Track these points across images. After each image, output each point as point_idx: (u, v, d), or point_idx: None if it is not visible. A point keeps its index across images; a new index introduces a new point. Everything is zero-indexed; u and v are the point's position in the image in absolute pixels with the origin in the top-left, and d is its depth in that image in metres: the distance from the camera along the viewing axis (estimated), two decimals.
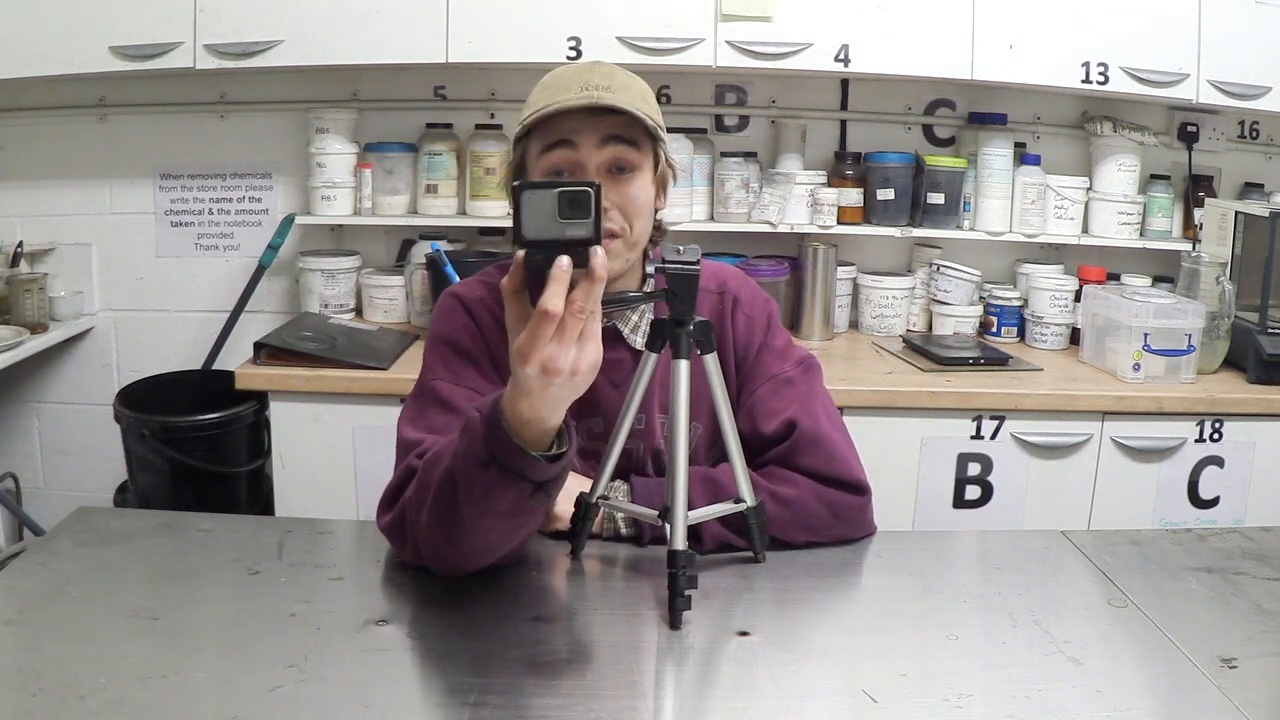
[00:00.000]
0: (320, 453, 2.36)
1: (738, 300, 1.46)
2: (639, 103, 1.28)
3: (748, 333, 1.45)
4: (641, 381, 1.22)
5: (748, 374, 1.45)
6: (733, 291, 1.47)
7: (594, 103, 1.24)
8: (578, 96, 1.24)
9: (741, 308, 1.46)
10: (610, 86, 1.26)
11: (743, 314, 1.46)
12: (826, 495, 1.36)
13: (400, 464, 1.27)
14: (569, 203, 1.00)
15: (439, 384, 1.33)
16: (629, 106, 1.25)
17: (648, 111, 1.29)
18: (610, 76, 1.28)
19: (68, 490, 2.96)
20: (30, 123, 2.84)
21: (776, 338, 1.47)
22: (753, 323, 1.46)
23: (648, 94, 1.33)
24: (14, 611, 1.15)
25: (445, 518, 1.14)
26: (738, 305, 1.46)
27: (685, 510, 1.18)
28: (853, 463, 1.40)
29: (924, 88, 2.88)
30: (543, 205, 1.00)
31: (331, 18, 2.46)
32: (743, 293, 1.48)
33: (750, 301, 1.48)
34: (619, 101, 1.25)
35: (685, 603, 1.15)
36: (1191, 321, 2.43)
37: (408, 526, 1.20)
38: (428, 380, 1.36)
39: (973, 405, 2.35)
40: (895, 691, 1.06)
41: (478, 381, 1.34)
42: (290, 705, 0.99)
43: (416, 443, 1.26)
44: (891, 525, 1.53)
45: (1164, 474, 2.40)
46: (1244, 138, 2.97)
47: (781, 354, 1.46)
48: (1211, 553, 1.41)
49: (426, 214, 2.77)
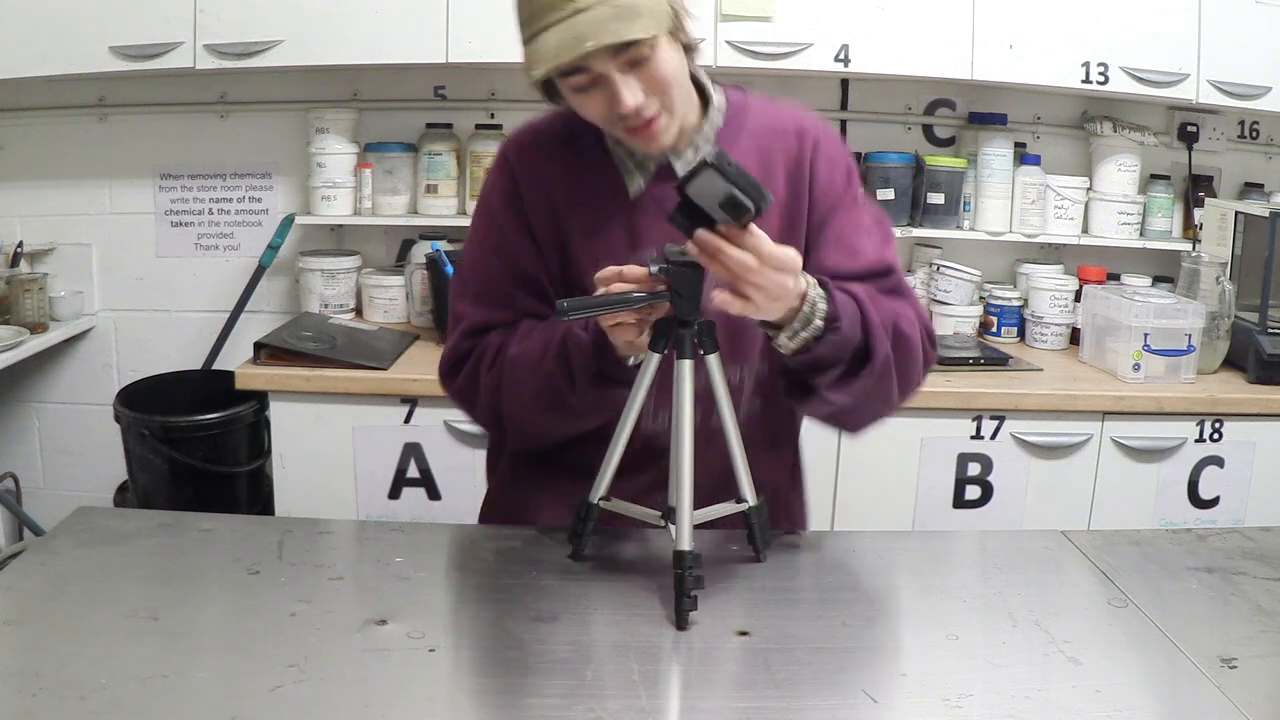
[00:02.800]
0: (320, 453, 2.36)
1: (819, 144, 1.36)
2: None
3: (829, 179, 1.36)
4: (644, 383, 1.22)
5: (825, 216, 1.36)
6: (813, 134, 1.37)
7: (584, 47, 1.15)
8: (569, 33, 1.16)
9: (823, 150, 1.36)
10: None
11: (824, 158, 1.36)
12: (925, 340, 1.32)
13: (454, 331, 1.38)
14: (732, 203, 1.08)
15: (474, 262, 1.40)
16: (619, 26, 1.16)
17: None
18: None
19: (68, 490, 2.96)
20: (30, 123, 2.84)
21: (857, 189, 1.39)
22: (834, 168, 1.37)
23: None
24: (14, 611, 1.15)
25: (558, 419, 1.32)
26: (819, 149, 1.36)
27: (690, 510, 1.18)
28: None
29: (924, 88, 2.88)
30: (713, 185, 1.07)
31: (331, 18, 2.46)
32: (824, 137, 1.38)
33: (831, 145, 1.38)
34: (609, 36, 1.15)
35: (691, 603, 1.15)
36: (1191, 321, 2.43)
37: (485, 405, 1.35)
38: (467, 255, 1.42)
39: (973, 405, 2.35)
40: (895, 691, 1.06)
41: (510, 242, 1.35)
42: (290, 705, 0.99)
43: (461, 316, 1.38)
44: (891, 525, 1.54)
45: (1164, 474, 2.40)
46: (1244, 138, 2.98)
47: (863, 205, 1.39)
48: (1211, 553, 1.41)
49: (426, 214, 2.77)
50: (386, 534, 1.47)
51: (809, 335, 1.21)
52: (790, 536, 1.42)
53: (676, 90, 1.24)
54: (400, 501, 2.38)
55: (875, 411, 1.34)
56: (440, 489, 2.37)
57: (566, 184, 1.32)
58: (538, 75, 1.19)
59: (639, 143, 1.27)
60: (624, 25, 1.15)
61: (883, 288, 1.32)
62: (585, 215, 1.33)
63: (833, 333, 1.20)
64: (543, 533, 1.40)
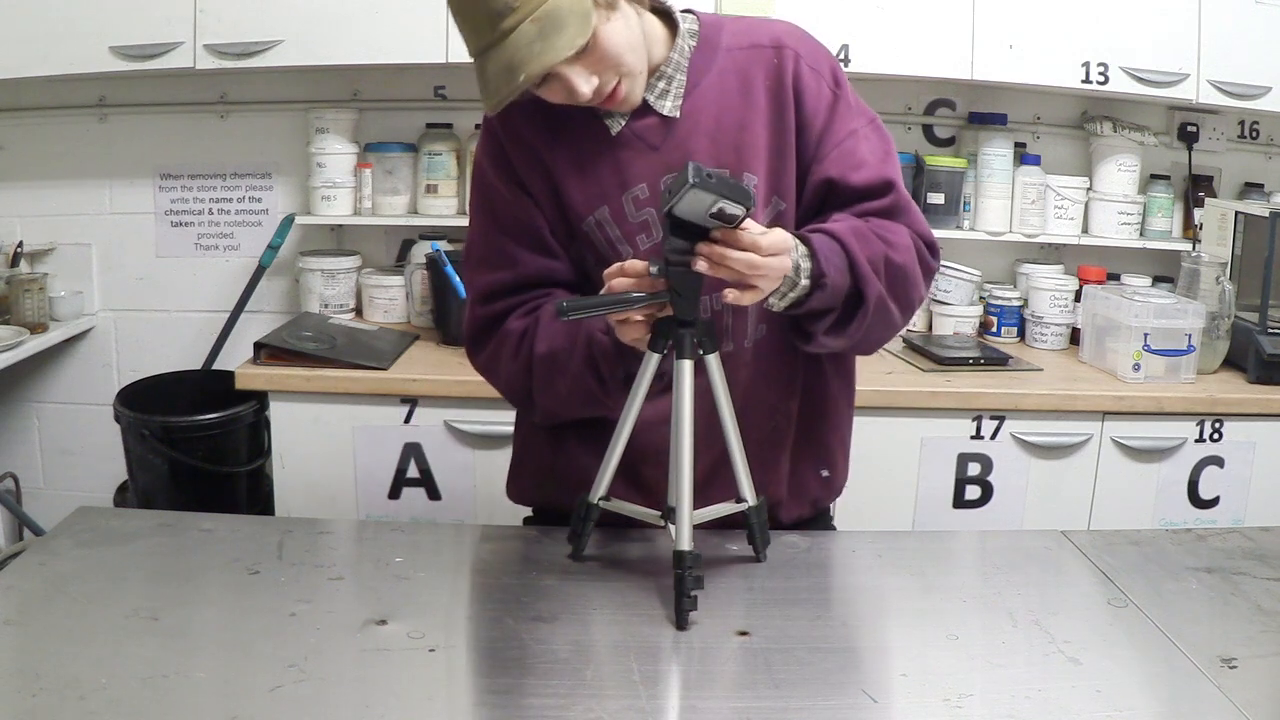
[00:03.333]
0: (320, 453, 2.36)
1: (799, 55, 1.34)
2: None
3: (816, 88, 1.34)
4: (643, 385, 1.22)
5: (824, 128, 1.34)
6: (792, 45, 1.35)
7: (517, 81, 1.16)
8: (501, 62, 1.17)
9: (805, 60, 1.34)
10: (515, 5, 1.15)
11: (807, 67, 1.34)
12: (922, 254, 1.33)
13: (469, 301, 1.42)
14: (724, 215, 1.11)
15: (475, 228, 1.42)
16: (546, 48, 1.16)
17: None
18: None
19: (68, 490, 2.96)
20: (30, 123, 2.84)
21: (847, 92, 1.36)
22: (819, 76, 1.34)
23: None
24: (14, 611, 1.15)
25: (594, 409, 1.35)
26: (800, 59, 1.34)
27: (689, 510, 1.18)
28: None
29: (924, 88, 2.88)
30: (702, 202, 1.10)
31: (331, 18, 2.46)
32: (803, 46, 1.36)
33: (813, 54, 1.36)
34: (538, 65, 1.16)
35: (691, 603, 1.15)
36: (1191, 321, 2.42)
37: (508, 387, 1.42)
38: (469, 225, 1.44)
39: (973, 405, 2.35)
40: (895, 691, 1.06)
41: (504, 199, 1.37)
42: (290, 705, 0.99)
43: (471, 283, 1.43)
44: (891, 525, 1.53)
45: (1164, 474, 2.40)
46: (1244, 138, 2.97)
47: (856, 109, 1.37)
48: (1211, 553, 1.41)
49: (426, 214, 2.77)
50: (386, 534, 1.48)
51: (796, 295, 1.23)
52: (790, 536, 1.42)
53: (630, 56, 1.25)
54: (400, 501, 2.38)
55: (878, 338, 1.36)
56: (440, 489, 2.37)
57: (549, 133, 1.33)
58: (490, 111, 1.24)
59: (610, 108, 1.29)
60: (550, 44, 1.16)
61: (879, 209, 1.32)
62: (572, 159, 1.34)
63: (820, 289, 1.22)
64: (543, 533, 1.40)
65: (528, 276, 1.37)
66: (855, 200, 1.32)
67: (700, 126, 1.32)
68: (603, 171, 1.33)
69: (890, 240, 1.29)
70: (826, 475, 1.48)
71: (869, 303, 1.26)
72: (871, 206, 1.32)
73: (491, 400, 2.31)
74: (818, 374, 1.44)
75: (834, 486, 1.51)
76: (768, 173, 1.33)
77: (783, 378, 1.40)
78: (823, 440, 1.47)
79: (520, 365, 1.36)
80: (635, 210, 1.33)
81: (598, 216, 1.33)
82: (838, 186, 1.32)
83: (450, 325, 2.56)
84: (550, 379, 1.34)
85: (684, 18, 1.36)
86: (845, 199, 1.32)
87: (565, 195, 1.34)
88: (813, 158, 1.34)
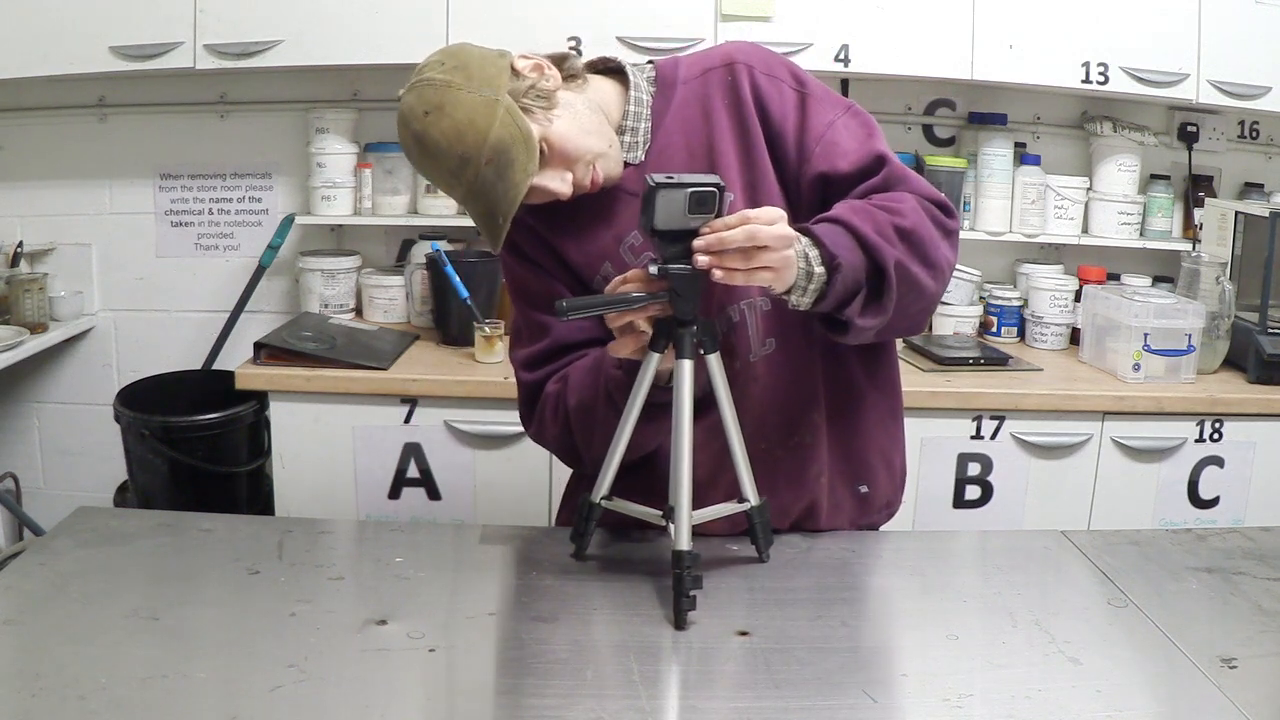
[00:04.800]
0: (320, 453, 2.36)
1: (752, 66, 1.35)
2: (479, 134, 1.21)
3: (778, 94, 1.34)
4: (643, 385, 1.22)
5: (799, 127, 1.33)
6: (743, 59, 1.35)
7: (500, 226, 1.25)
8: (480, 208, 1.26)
9: (759, 70, 1.34)
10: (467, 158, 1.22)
11: (762, 75, 1.34)
12: (933, 214, 1.30)
13: (517, 373, 1.46)
14: (697, 201, 1.13)
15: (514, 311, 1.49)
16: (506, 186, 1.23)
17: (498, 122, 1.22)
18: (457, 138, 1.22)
19: (68, 490, 2.96)
20: (30, 123, 2.84)
21: (812, 87, 1.35)
22: (778, 82, 1.34)
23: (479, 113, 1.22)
24: (14, 611, 1.15)
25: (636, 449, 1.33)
26: (754, 70, 1.34)
27: (689, 510, 1.18)
28: None
29: (924, 88, 2.88)
30: (674, 201, 1.12)
31: (331, 18, 2.46)
32: (754, 58, 1.36)
33: (765, 62, 1.36)
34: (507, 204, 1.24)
35: (690, 603, 1.15)
36: (1191, 321, 2.42)
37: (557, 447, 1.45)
38: (512, 312, 1.52)
39: (973, 405, 2.35)
40: (895, 691, 1.06)
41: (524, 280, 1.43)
42: (290, 705, 0.99)
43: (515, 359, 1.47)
44: (892, 525, 1.53)
45: (1164, 474, 2.40)
46: (1244, 138, 2.97)
47: (829, 101, 1.35)
48: (1211, 553, 1.41)
49: (426, 214, 2.77)
50: (386, 534, 1.48)
51: (816, 286, 1.21)
52: (790, 536, 1.42)
53: (589, 140, 1.29)
54: (400, 501, 2.38)
55: (916, 310, 1.32)
56: (440, 489, 2.37)
57: (545, 210, 1.35)
58: (496, 251, 1.32)
59: (595, 192, 1.32)
60: (509, 181, 1.23)
61: (876, 186, 1.31)
62: (568, 227, 1.38)
63: (836, 271, 1.20)
64: (543, 533, 1.40)
65: (561, 340, 1.40)
66: (851, 185, 1.32)
67: (673, 161, 1.34)
68: (597, 231, 1.37)
69: (893, 208, 1.27)
70: (865, 491, 1.46)
71: (889, 270, 1.22)
72: (869, 186, 1.31)
73: (491, 400, 2.33)
74: (847, 385, 1.42)
75: (874, 503, 1.48)
76: (743, 185, 1.33)
77: (802, 392, 1.38)
78: (858, 454, 1.44)
79: (561, 424, 1.39)
80: (633, 257, 1.36)
81: (603, 273, 1.36)
82: (830, 178, 1.32)
83: (450, 325, 2.56)
84: (588, 428, 1.37)
85: (641, 69, 1.39)
86: (841, 188, 1.32)
87: (571, 261, 1.39)
88: (800, 159, 1.33)
